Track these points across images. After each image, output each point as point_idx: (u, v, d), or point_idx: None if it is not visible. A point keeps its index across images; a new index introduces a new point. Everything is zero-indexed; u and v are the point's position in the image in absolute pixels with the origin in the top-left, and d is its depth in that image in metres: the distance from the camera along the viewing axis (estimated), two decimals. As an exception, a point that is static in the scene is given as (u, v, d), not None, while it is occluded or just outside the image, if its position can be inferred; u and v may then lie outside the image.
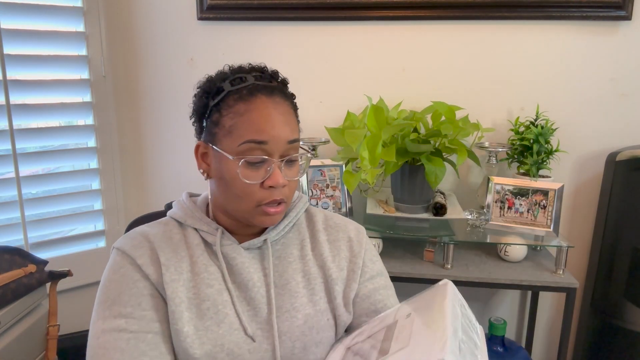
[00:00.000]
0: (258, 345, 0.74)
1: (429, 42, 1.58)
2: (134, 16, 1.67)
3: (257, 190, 0.74)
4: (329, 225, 0.88)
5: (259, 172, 0.73)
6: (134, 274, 0.74)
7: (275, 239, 0.83)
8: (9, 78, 1.43)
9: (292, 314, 0.77)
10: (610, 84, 1.53)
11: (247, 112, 0.72)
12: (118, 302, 0.72)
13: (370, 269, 0.86)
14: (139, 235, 0.79)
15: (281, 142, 0.73)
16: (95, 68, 1.61)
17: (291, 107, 0.78)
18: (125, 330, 0.70)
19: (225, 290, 0.76)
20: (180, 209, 0.83)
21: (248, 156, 0.72)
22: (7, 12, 1.43)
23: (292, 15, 1.59)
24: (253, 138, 0.72)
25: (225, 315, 0.74)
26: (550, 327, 1.75)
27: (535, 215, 1.38)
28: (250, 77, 0.76)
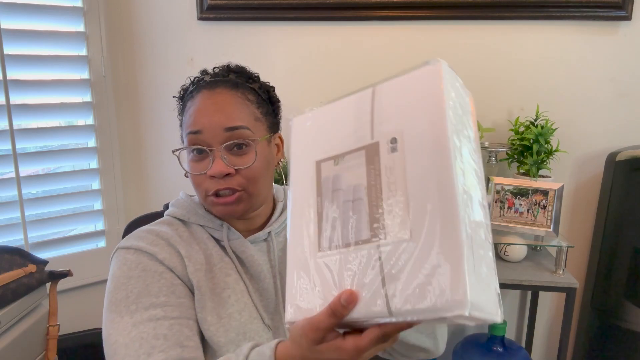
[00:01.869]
0: (275, 333, 0.77)
1: (429, 42, 1.58)
2: (134, 16, 1.67)
3: (204, 180, 0.74)
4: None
5: (203, 163, 0.74)
6: (157, 267, 0.73)
7: (278, 230, 0.84)
8: (9, 78, 1.43)
9: None
10: (610, 84, 1.53)
11: (190, 109, 0.76)
12: (146, 294, 0.69)
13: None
14: (149, 234, 0.78)
15: (217, 130, 0.73)
16: (95, 68, 1.61)
17: (238, 96, 0.76)
18: (165, 317, 0.68)
19: (240, 281, 0.78)
20: (182, 207, 0.83)
21: (187, 147, 0.75)
22: (7, 12, 1.43)
23: (292, 15, 1.59)
24: (190, 129, 0.74)
25: (245, 304, 0.76)
26: (550, 327, 1.75)
27: (535, 215, 1.38)
28: (208, 76, 0.79)
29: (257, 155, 0.74)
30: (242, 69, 0.82)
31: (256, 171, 0.75)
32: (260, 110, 0.78)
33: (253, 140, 0.74)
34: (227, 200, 0.74)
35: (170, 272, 0.74)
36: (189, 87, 0.80)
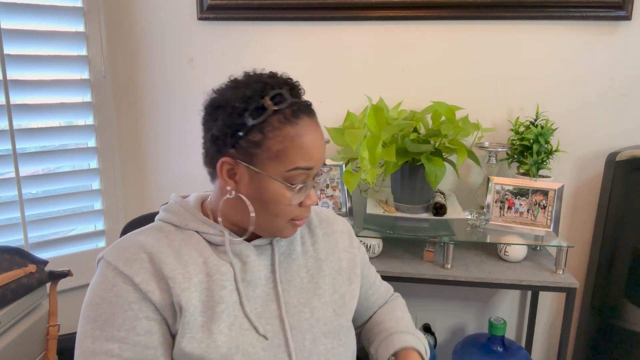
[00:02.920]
0: (270, 342, 0.75)
1: (429, 42, 1.58)
2: (134, 16, 1.67)
3: (294, 209, 0.76)
4: (322, 219, 0.92)
5: (301, 194, 0.75)
6: (128, 295, 0.70)
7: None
8: (9, 78, 1.43)
9: (299, 308, 0.79)
10: (610, 84, 1.53)
11: (296, 138, 0.72)
12: (111, 323, 0.69)
13: (362, 252, 0.97)
14: (133, 247, 0.74)
15: (319, 166, 0.76)
16: (95, 68, 1.61)
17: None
18: (119, 356, 0.69)
19: (234, 291, 0.75)
20: (176, 213, 0.80)
21: (299, 183, 0.74)
22: (7, 12, 1.43)
23: (292, 15, 1.59)
24: (303, 165, 0.73)
25: (235, 317, 0.74)
26: (550, 327, 1.75)
27: (535, 215, 1.38)
28: (286, 92, 0.74)
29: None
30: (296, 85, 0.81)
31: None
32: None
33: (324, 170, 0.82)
34: (303, 222, 0.80)
35: (141, 302, 0.70)
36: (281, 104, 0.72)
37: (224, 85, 0.81)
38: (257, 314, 0.76)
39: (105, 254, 0.74)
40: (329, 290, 0.84)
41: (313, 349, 0.78)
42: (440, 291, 1.75)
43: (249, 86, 0.75)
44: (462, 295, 1.75)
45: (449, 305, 1.77)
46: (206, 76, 1.69)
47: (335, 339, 0.81)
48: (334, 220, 0.93)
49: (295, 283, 0.82)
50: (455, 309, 1.77)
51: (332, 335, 0.81)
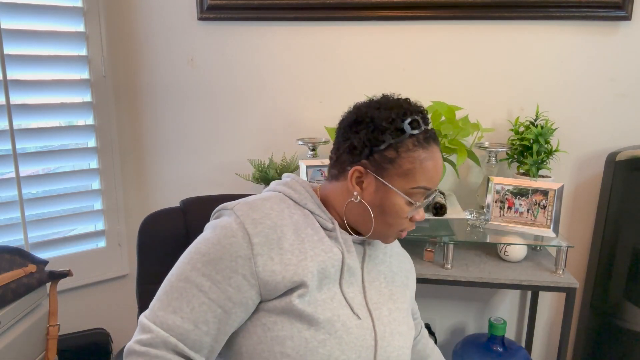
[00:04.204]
0: (362, 322, 0.83)
1: (429, 42, 1.58)
2: (134, 16, 1.67)
3: (405, 221, 0.85)
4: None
5: (412, 209, 0.84)
6: (240, 249, 0.77)
7: (369, 240, 0.91)
8: (9, 78, 1.43)
9: (378, 305, 0.87)
10: (610, 84, 1.53)
11: (425, 161, 0.82)
12: (214, 264, 0.77)
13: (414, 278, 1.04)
14: (261, 211, 0.82)
15: (437, 187, 0.86)
16: (95, 68, 1.61)
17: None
18: (205, 293, 0.76)
19: (339, 272, 0.84)
20: (299, 191, 0.88)
21: (418, 200, 0.83)
22: (7, 12, 1.43)
23: (292, 15, 1.59)
24: (426, 185, 0.83)
25: (335, 293, 0.83)
26: (550, 327, 1.75)
27: (535, 215, 1.38)
28: (420, 119, 0.83)
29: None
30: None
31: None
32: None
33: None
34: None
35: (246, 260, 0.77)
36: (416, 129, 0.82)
37: (365, 103, 0.91)
38: (351, 297, 0.84)
39: (236, 207, 0.82)
40: (401, 299, 0.92)
41: (391, 341, 0.85)
42: (440, 291, 1.75)
43: (392, 109, 0.84)
44: (462, 295, 1.75)
45: (449, 305, 1.77)
46: (206, 76, 1.69)
47: (405, 340, 0.89)
48: (397, 244, 1.02)
49: (375, 285, 0.89)
50: (455, 309, 1.77)
51: (404, 337, 0.89)
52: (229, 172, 1.74)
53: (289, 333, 0.77)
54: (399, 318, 0.89)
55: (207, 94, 1.70)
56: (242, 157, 1.72)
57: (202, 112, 1.72)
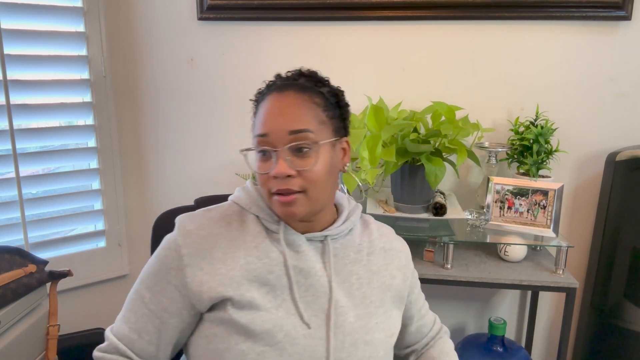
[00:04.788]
0: (313, 332, 0.78)
1: (429, 42, 1.58)
2: (134, 16, 1.67)
3: (268, 180, 0.78)
4: (383, 233, 0.93)
5: (268, 163, 0.78)
6: (172, 261, 0.79)
7: (336, 237, 0.86)
8: (9, 78, 1.43)
9: (344, 310, 0.81)
10: (610, 84, 1.53)
11: (262, 107, 0.79)
12: (153, 276, 0.81)
13: (415, 276, 0.97)
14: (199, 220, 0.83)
15: (281, 133, 0.76)
16: (95, 68, 1.61)
17: (305, 99, 0.79)
18: (146, 304, 0.80)
19: (285, 276, 0.80)
20: (247, 195, 0.87)
21: (254, 149, 0.79)
22: (7, 12, 1.43)
23: (292, 15, 1.59)
24: (258, 132, 0.78)
25: (283, 300, 0.79)
26: (550, 327, 1.75)
27: (535, 215, 1.38)
28: (280, 80, 0.82)
29: (319, 158, 0.77)
30: (313, 73, 0.84)
31: (317, 174, 0.77)
32: (327, 113, 0.80)
33: (315, 143, 0.77)
34: (287, 199, 0.77)
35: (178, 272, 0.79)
36: (263, 90, 0.83)
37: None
38: (305, 302, 0.80)
39: (178, 218, 0.84)
40: (376, 303, 0.85)
41: (353, 352, 0.79)
42: (440, 291, 1.75)
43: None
44: (462, 295, 1.75)
45: (449, 305, 1.77)
46: (206, 76, 1.69)
47: (374, 350, 0.82)
48: (394, 237, 0.95)
49: (345, 286, 0.83)
50: (455, 309, 1.77)
51: (372, 347, 0.82)
52: (229, 172, 1.74)
53: (226, 345, 0.76)
54: (368, 325, 0.82)
55: (207, 94, 1.70)
56: (242, 157, 1.71)
57: (202, 112, 1.72)
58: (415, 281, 0.97)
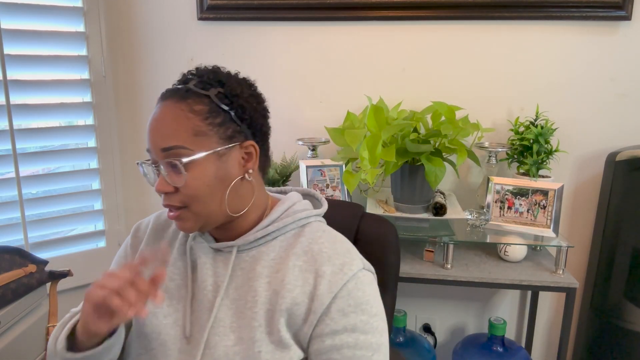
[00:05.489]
0: (189, 349, 0.74)
1: (429, 42, 1.58)
2: (134, 16, 1.67)
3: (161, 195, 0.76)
4: (311, 250, 0.76)
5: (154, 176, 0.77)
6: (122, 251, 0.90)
7: (247, 248, 0.78)
8: (9, 78, 1.43)
9: (225, 331, 0.73)
10: (610, 84, 1.53)
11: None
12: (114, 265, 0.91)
13: (335, 321, 0.71)
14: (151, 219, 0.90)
15: (157, 150, 0.73)
16: (95, 68, 1.61)
17: (182, 109, 0.72)
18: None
19: (185, 287, 0.79)
20: None
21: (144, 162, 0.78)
22: (7, 12, 1.43)
23: (292, 15, 1.59)
24: (147, 147, 0.76)
25: (175, 310, 0.77)
26: (550, 327, 1.75)
27: (535, 215, 1.38)
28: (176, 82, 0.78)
29: (196, 173, 0.71)
30: (205, 72, 0.77)
31: (194, 189, 0.72)
32: (210, 121, 0.72)
33: (189, 158, 0.71)
34: (172, 215, 0.74)
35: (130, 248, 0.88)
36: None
37: None
38: (195, 317, 0.76)
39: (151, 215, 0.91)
40: (266, 328, 0.72)
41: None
42: (440, 291, 1.75)
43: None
44: (462, 295, 1.75)
45: (449, 305, 1.77)
46: (206, 76, 1.69)
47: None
48: (326, 259, 0.74)
49: (239, 304, 0.74)
50: (455, 309, 1.77)
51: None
52: (229, 172, 1.73)
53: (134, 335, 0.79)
54: (248, 352, 0.71)
55: (207, 94, 1.70)
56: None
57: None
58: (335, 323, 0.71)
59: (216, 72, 0.78)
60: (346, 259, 0.75)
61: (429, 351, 1.53)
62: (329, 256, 0.75)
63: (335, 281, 0.72)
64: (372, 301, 0.75)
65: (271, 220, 0.79)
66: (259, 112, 0.78)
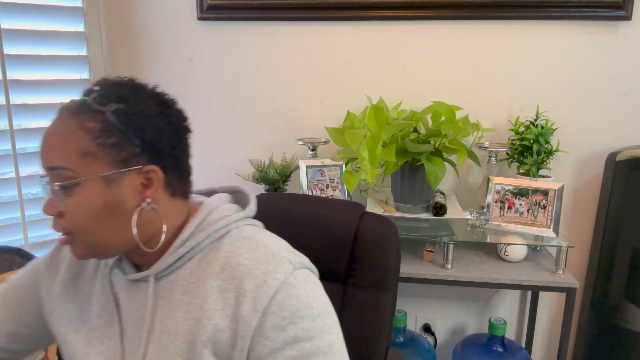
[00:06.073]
0: None
1: (429, 42, 1.58)
2: (134, 16, 1.67)
3: None
4: (229, 265, 0.67)
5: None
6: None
7: (164, 274, 0.70)
8: (9, 78, 1.43)
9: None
10: (610, 84, 1.53)
11: None
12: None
13: (272, 340, 0.62)
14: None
15: (44, 168, 0.65)
16: (95, 68, 1.61)
17: (72, 125, 0.63)
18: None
19: (113, 323, 0.71)
20: None
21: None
22: (7, 12, 1.43)
23: (292, 15, 1.59)
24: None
25: (107, 348, 0.70)
26: (550, 327, 1.75)
27: (535, 215, 1.38)
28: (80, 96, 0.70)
29: (80, 200, 0.63)
30: (110, 85, 0.69)
31: (76, 217, 0.64)
32: (101, 141, 0.63)
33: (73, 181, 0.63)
34: (62, 239, 0.67)
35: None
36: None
37: None
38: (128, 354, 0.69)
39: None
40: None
41: None
42: (440, 291, 1.75)
43: None
44: (462, 295, 1.75)
45: (449, 305, 1.77)
46: (206, 76, 1.69)
47: None
48: (246, 274, 0.65)
49: (162, 337, 0.66)
50: (455, 309, 1.77)
51: None
52: (229, 172, 1.74)
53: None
54: None
55: (207, 94, 1.70)
56: (242, 157, 1.71)
57: (202, 112, 1.72)
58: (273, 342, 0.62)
59: (122, 85, 0.69)
60: (269, 267, 0.65)
61: (429, 351, 1.53)
62: (249, 268, 0.65)
63: (260, 297, 0.63)
64: (312, 302, 0.64)
65: (183, 239, 0.69)
66: (167, 133, 0.68)
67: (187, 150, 0.76)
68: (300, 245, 1.11)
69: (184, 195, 0.73)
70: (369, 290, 1.07)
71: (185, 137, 0.75)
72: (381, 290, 1.07)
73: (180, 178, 0.72)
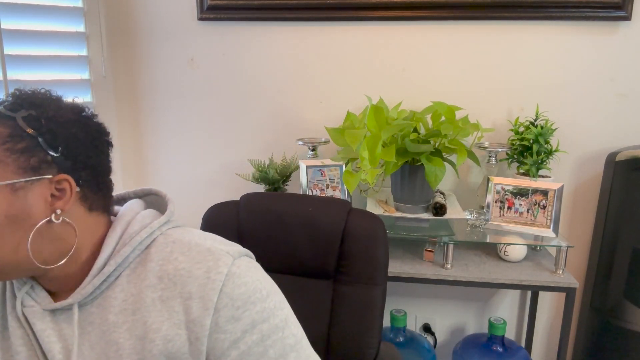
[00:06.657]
0: None
1: (429, 42, 1.58)
2: (134, 16, 1.67)
3: None
4: (166, 273, 0.64)
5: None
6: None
7: (90, 299, 0.65)
8: (9, 78, 1.43)
9: None
10: (610, 84, 1.53)
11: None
12: None
13: (231, 332, 0.62)
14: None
15: None
16: (95, 68, 1.61)
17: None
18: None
19: (35, 357, 0.64)
20: None
21: None
22: (7, 12, 1.43)
23: (292, 15, 1.59)
24: None
25: None
26: (550, 327, 1.75)
27: (535, 215, 1.38)
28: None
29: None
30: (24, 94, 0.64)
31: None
32: (8, 146, 0.59)
33: None
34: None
35: None
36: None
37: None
38: None
39: None
40: None
41: None
42: (440, 291, 1.75)
43: None
44: (462, 295, 1.75)
45: (449, 305, 1.77)
46: (206, 76, 1.69)
47: None
48: (187, 277, 0.63)
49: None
50: (455, 309, 1.77)
51: None
52: (229, 172, 1.74)
53: None
54: None
55: (207, 94, 1.70)
56: (242, 157, 1.72)
57: (202, 112, 1.72)
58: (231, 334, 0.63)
59: (36, 93, 0.64)
60: (209, 263, 0.64)
61: (429, 351, 1.54)
62: (189, 271, 0.63)
63: (207, 294, 0.62)
64: (259, 285, 0.65)
65: (105, 258, 0.65)
66: (83, 142, 0.64)
67: (107, 164, 0.70)
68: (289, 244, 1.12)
69: (104, 210, 0.68)
70: (359, 285, 1.08)
71: (105, 151, 0.69)
72: (371, 285, 1.07)
73: (98, 192, 0.67)
